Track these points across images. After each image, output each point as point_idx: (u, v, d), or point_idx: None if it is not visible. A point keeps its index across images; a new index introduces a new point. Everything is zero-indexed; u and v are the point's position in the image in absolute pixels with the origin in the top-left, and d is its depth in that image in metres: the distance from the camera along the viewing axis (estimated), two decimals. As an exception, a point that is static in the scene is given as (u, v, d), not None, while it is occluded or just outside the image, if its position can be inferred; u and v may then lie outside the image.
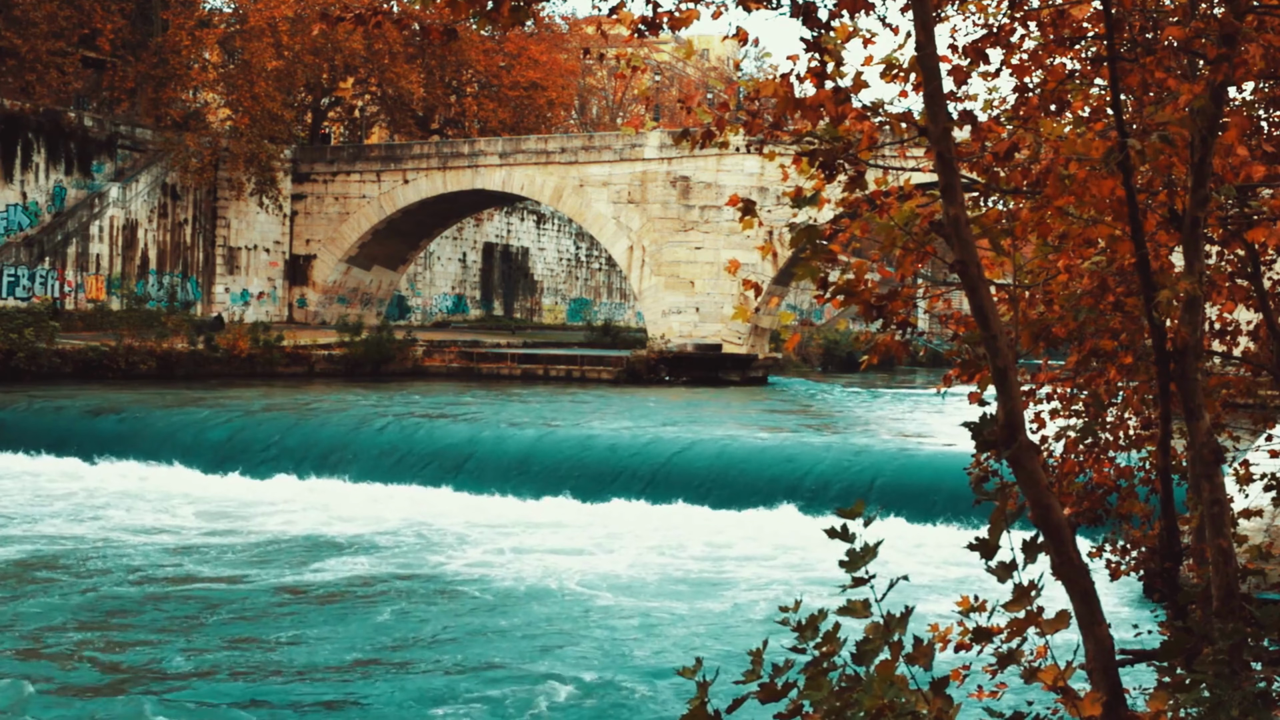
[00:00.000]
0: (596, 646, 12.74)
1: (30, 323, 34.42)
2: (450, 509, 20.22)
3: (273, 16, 46.62)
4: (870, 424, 32.15)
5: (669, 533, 18.44)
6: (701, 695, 3.69)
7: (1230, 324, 8.34)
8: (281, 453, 23.37)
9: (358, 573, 15.93)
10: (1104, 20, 5.19)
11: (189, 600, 14.40)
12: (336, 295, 50.81)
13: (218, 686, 11.29)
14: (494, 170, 46.69)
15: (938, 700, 3.59)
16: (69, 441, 24.15)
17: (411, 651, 12.63)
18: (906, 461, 21.15)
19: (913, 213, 4.59)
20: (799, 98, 4.62)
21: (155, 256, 45.69)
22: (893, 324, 4.85)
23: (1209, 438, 5.26)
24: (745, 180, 42.29)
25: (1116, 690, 4.05)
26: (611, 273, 73.41)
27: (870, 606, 3.79)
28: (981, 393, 6.01)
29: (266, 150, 46.37)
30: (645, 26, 4.74)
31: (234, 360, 38.48)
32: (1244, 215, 6.52)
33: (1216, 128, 5.13)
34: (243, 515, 19.49)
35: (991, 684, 4.87)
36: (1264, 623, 4.51)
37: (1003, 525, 3.87)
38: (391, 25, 5.17)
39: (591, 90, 73.74)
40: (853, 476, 20.29)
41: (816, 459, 21.43)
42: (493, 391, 36.98)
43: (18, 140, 41.32)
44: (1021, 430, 4.10)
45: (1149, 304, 5.21)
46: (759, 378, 44.33)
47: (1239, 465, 8.76)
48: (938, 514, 18.35)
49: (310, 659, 12.23)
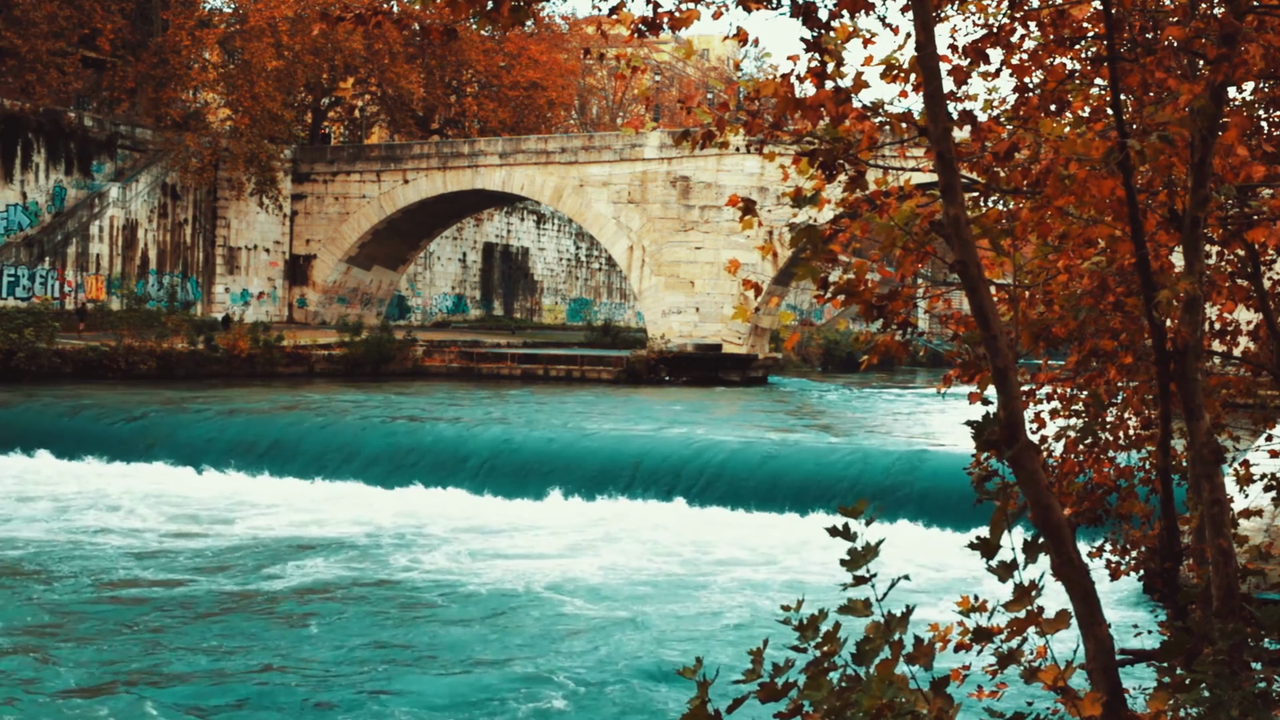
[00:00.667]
0: (596, 646, 12.73)
1: (30, 323, 34.45)
2: (452, 510, 20.22)
3: (273, 16, 46.63)
4: (870, 424, 32.15)
5: (665, 532, 18.43)
6: (702, 695, 3.69)
7: (1230, 324, 8.34)
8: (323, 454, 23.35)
9: (351, 573, 15.92)
10: (1104, 20, 5.19)
11: (147, 601, 14.41)
12: (336, 295, 50.81)
13: (212, 687, 11.28)
14: (494, 170, 46.70)
15: (938, 700, 3.59)
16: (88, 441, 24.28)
17: (409, 652, 12.62)
18: (914, 462, 21.13)
19: (913, 213, 4.59)
20: (799, 98, 4.63)
21: (155, 256, 45.70)
22: (893, 324, 4.85)
23: (1209, 438, 5.26)
24: (745, 180, 42.30)
25: (1116, 690, 4.05)
26: (611, 273, 73.41)
27: (871, 606, 3.80)
28: (982, 393, 6.01)
29: (266, 150, 46.37)
30: (645, 27, 4.74)
31: (234, 360, 38.48)
32: (1244, 215, 6.52)
33: (1216, 128, 5.13)
34: (239, 514, 19.50)
35: (991, 684, 4.87)
36: (1264, 623, 4.51)
37: (1003, 525, 3.87)
38: (391, 25, 5.18)
39: (591, 90, 73.74)
40: (853, 476, 20.28)
41: (811, 459, 21.44)
42: (493, 391, 36.98)
43: (18, 140, 41.33)
44: (1022, 430, 4.10)
45: (1149, 304, 5.21)
46: (759, 378, 44.33)
47: (1239, 465, 8.76)
48: (939, 514, 18.35)
49: (310, 659, 12.23)
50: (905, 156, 9.34)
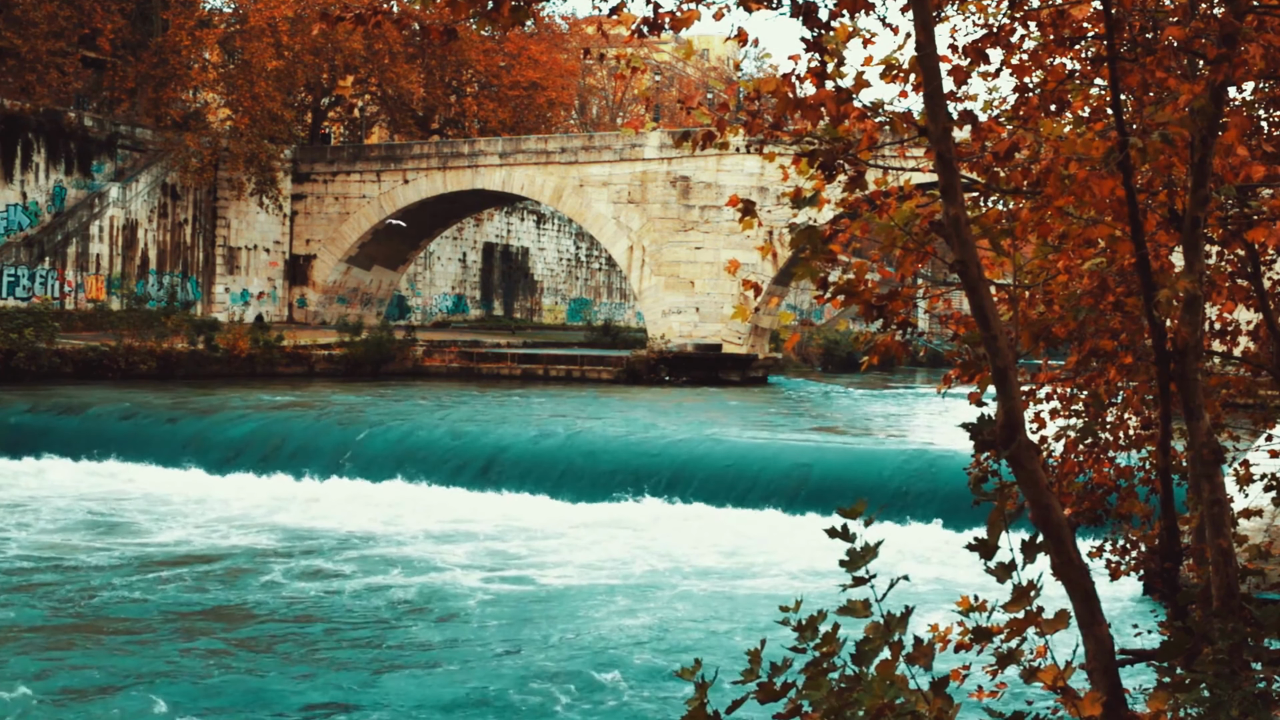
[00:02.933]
0: (595, 646, 12.73)
1: (30, 323, 34.44)
2: (456, 511, 20.23)
3: (273, 16, 46.60)
4: (870, 425, 32.14)
5: (664, 530, 18.44)
6: (701, 696, 3.69)
7: (1230, 324, 8.33)
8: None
9: (345, 571, 15.93)
10: (1104, 20, 5.18)
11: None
12: (336, 295, 50.80)
13: (211, 685, 11.29)
14: (494, 170, 46.68)
15: (938, 700, 3.59)
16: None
17: (406, 651, 12.62)
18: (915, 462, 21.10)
19: (913, 213, 4.58)
20: (799, 98, 4.62)
21: (155, 256, 45.68)
22: (893, 324, 4.85)
23: (1209, 438, 5.25)
24: (745, 180, 42.29)
25: (1116, 690, 4.05)
26: (611, 273, 73.39)
27: (870, 606, 3.79)
28: (982, 393, 6.00)
29: (266, 150, 46.35)
30: (646, 27, 4.74)
31: (234, 360, 38.47)
32: (1244, 215, 6.52)
33: (1216, 128, 5.12)
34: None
35: (991, 684, 4.87)
36: (1264, 623, 4.51)
37: (1001, 526, 3.87)
38: (391, 25, 5.17)
39: (591, 90, 73.72)
40: (861, 477, 20.28)
41: (820, 459, 21.43)
42: (493, 391, 36.97)
43: (18, 140, 41.31)
44: (1021, 430, 4.09)
45: (1149, 304, 5.21)
46: (759, 378, 44.33)
47: (1239, 465, 8.75)
48: (939, 514, 18.34)
49: (309, 660, 12.23)
50: (905, 156, 9.35)
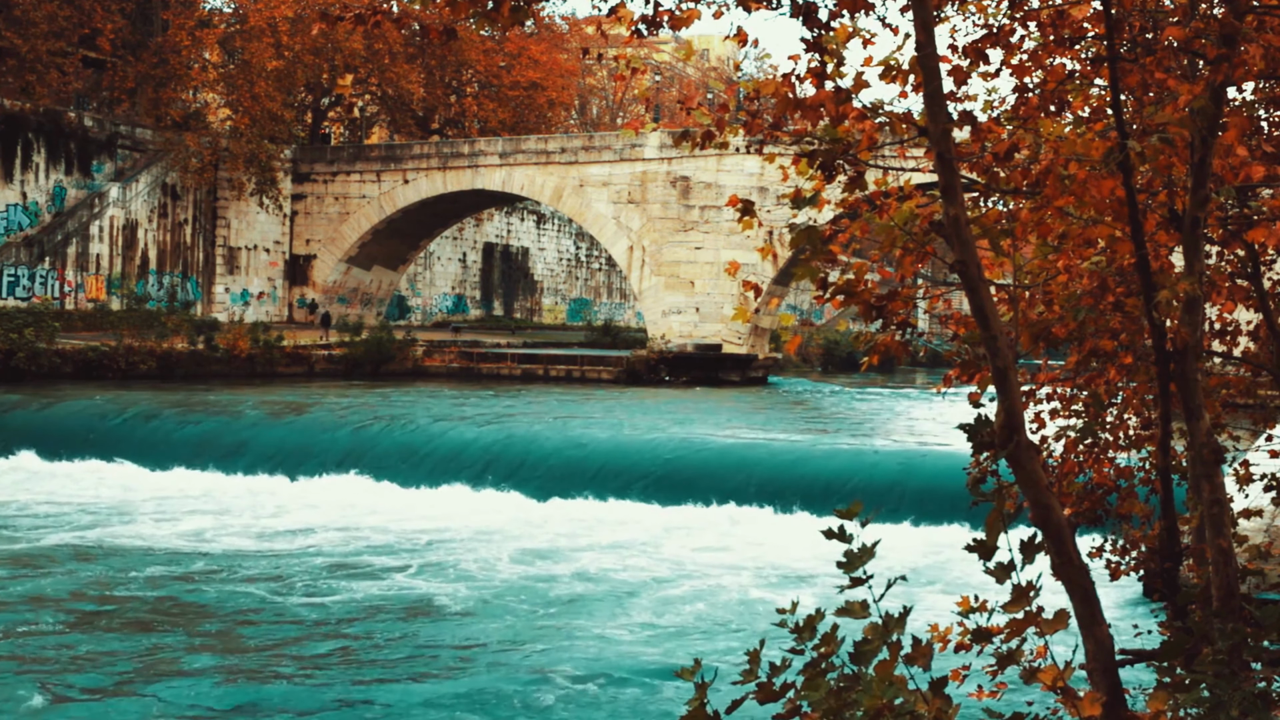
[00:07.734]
0: (595, 646, 12.72)
1: (30, 323, 34.43)
2: (456, 510, 20.23)
3: (273, 16, 46.59)
4: (870, 425, 32.12)
5: (659, 529, 18.43)
6: (700, 696, 3.68)
7: (1230, 324, 8.33)
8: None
9: (343, 568, 15.92)
10: (1104, 20, 5.18)
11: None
12: (336, 295, 50.78)
13: (216, 687, 11.28)
14: (494, 170, 46.67)
15: (937, 700, 3.59)
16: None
17: (403, 653, 12.62)
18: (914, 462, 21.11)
19: (913, 213, 4.58)
20: (799, 98, 4.62)
21: (155, 256, 45.67)
22: (893, 324, 4.85)
23: (1209, 438, 5.25)
24: (745, 180, 42.27)
25: (1116, 690, 4.05)
26: (611, 273, 73.37)
27: (868, 607, 3.79)
28: (981, 393, 6.00)
29: (266, 150, 46.35)
30: (645, 25, 4.73)
31: (234, 360, 38.46)
32: (1244, 215, 6.52)
33: (1216, 128, 5.12)
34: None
35: (991, 684, 4.86)
36: (1264, 623, 4.50)
37: (1000, 526, 3.87)
38: (391, 25, 5.17)
39: (591, 90, 73.71)
40: (862, 477, 20.27)
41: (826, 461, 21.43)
42: (493, 391, 36.96)
43: (18, 140, 41.30)
44: (1021, 430, 4.09)
45: (1149, 304, 5.21)
46: (759, 378, 44.32)
47: (1239, 465, 8.75)
48: (939, 515, 18.33)
49: (310, 659, 12.22)
50: (905, 156, 9.33)
